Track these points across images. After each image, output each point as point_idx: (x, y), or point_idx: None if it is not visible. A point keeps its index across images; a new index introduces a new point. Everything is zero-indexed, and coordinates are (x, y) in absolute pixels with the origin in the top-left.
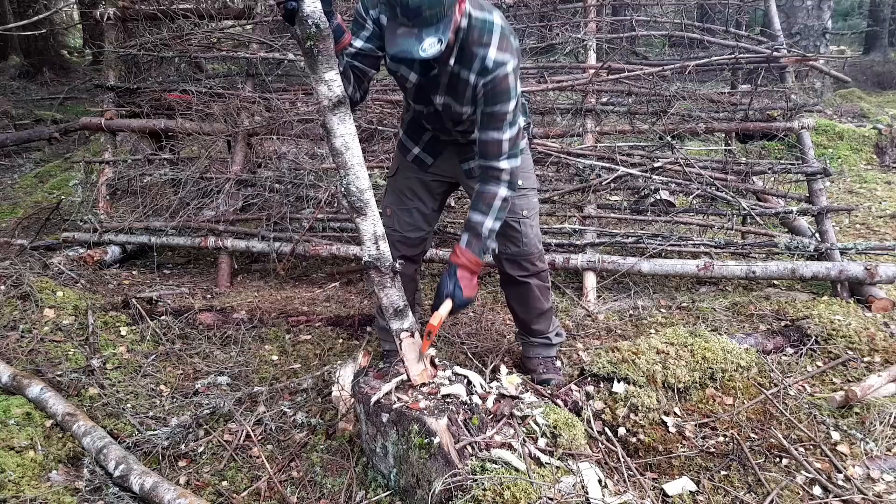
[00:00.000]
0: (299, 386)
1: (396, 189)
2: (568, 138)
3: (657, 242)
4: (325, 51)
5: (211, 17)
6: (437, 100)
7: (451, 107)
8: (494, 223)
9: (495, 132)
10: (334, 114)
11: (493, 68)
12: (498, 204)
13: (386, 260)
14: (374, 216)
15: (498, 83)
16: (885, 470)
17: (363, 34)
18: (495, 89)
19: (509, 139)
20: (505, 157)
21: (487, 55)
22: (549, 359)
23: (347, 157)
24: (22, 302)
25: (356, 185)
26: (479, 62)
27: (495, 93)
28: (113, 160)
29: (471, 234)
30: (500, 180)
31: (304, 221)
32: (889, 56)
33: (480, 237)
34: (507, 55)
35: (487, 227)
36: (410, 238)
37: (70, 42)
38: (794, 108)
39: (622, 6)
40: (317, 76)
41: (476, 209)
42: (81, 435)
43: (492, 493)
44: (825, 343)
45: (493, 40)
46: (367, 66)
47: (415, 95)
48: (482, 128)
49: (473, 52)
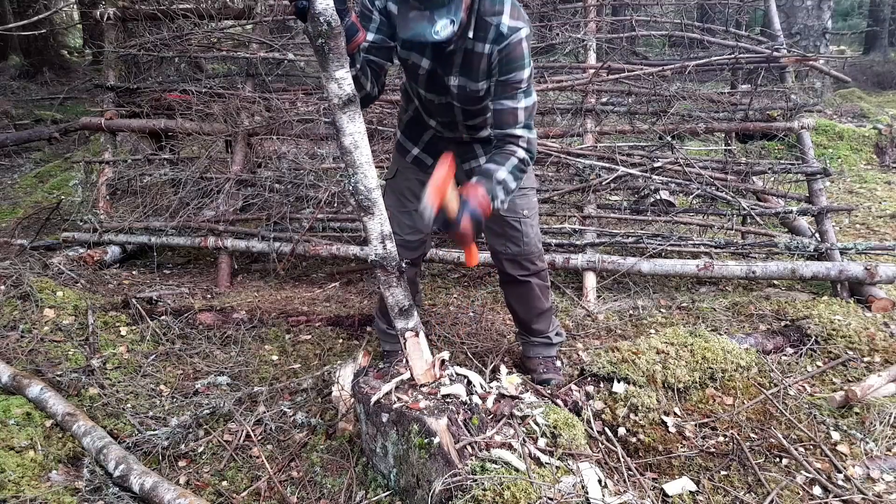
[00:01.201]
0: (299, 386)
1: (396, 191)
2: (568, 138)
3: (657, 242)
4: (336, 49)
5: (211, 17)
6: (451, 81)
7: (465, 87)
8: (507, 176)
9: (510, 101)
10: (344, 112)
11: (507, 34)
12: (514, 161)
13: (392, 259)
14: (381, 215)
15: (513, 48)
16: (885, 470)
17: (372, 26)
18: (510, 55)
19: (525, 108)
20: (521, 125)
21: (501, 22)
22: (549, 359)
23: (356, 156)
24: (22, 302)
25: (364, 183)
26: (493, 30)
27: (510, 58)
28: (113, 160)
29: (482, 175)
30: (518, 145)
31: (304, 221)
32: (889, 56)
33: (491, 179)
34: (520, 22)
35: (500, 176)
36: (410, 241)
37: (70, 42)
38: (794, 108)
39: (622, 6)
40: (327, 74)
41: (491, 160)
42: (81, 435)
43: (492, 493)
44: (825, 343)
45: (506, 8)
46: (381, 59)
47: (427, 83)
48: (497, 97)
49: (487, 21)
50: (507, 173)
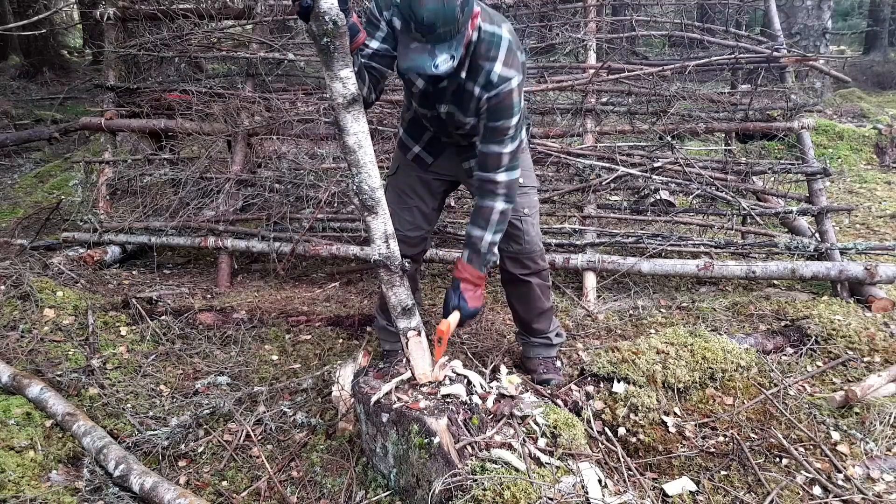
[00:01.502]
0: (299, 386)
1: (397, 188)
2: (568, 138)
3: (657, 242)
4: (341, 48)
5: (211, 17)
6: (441, 108)
7: (454, 115)
8: (494, 237)
9: (496, 146)
10: (348, 111)
11: (497, 83)
12: (496, 218)
13: (396, 259)
14: (384, 214)
15: (502, 98)
16: (885, 470)
17: (378, 35)
18: (499, 104)
19: (510, 153)
20: (504, 169)
21: (493, 70)
22: (549, 359)
23: (360, 155)
24: (22, 302)
25: (368, 183)
26: (484, 76)
27: (499, 108)
28: (113, 160)
29: (471, 249)
30: (496, 194)
31: (304, 221)
32: (889, 56)
33: (480, 252)
34: (512, 71)
35: (487, 242)
36: (411, 237)
37: (70, 42)
38: (794, 108)
39: (622, 6)
40: (332, 73)
41: (475, 224)
42: (81, 435)
43: (492, 493)
44: (825, 343)
45: (500, 55)
46: (383, 67)
47: (420, 100)
48: (484, 141)
49: (480, 65)
50: (493, 234)
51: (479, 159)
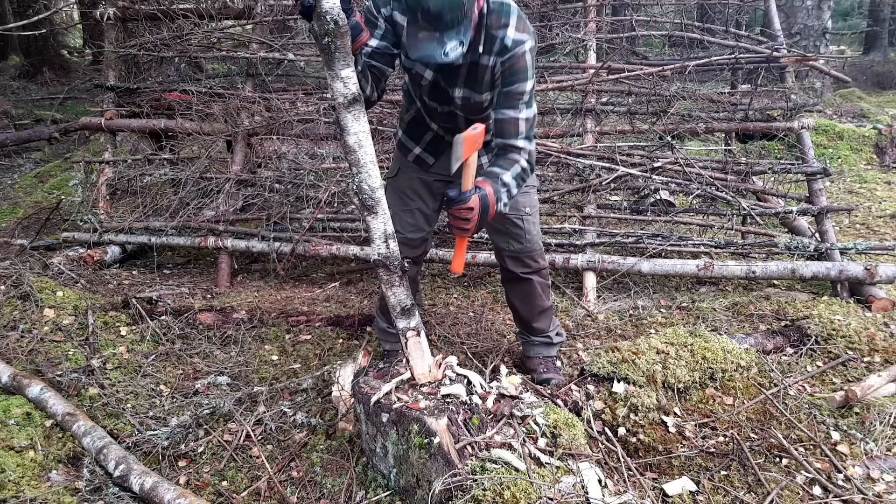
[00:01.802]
0: (299, 386)
1: (398, 189)
2: (568, 138)
3: (657, 242)
4: (342, 47)
5: (211, 17)
6: (456, 93)
7: (470, 98)
8: (511, 181)
9: (512, 111)
10: (349, 111)
11: (511, 47)
12: (518, 169)
13: (395, 259)
14: (384, 214)
15: (516, 61)
16: (885, 470)
17: (377, 33)
18: (513, 66)
19: (526, 119)
20: (523, 136)
21: (507, 35)
22: (549, 358)
23: (361, 155)
24: (22, 302)
25: (368, 182)
26: (498, 43)
27: (513, 70)
28: (113, 160)
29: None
30: (520, 155)
31: (304, 221)
32: (889, 56)
33: (497, 181)
34: (524, 34)
35: (505, 178)
36: (412, 239)
37: (70, 42)
38: (794, 108)
39: (622, 6)
40: (333, 73)
41: (495, 164)
42: (81, 435)
43: (492, 493)
44: (825, 343)
45: (511, 21)
46: (384, 65)
47: (430, 93)
48: (499, 107)
49: (494, 35)
50: (511, 178)
51: (495, 129)
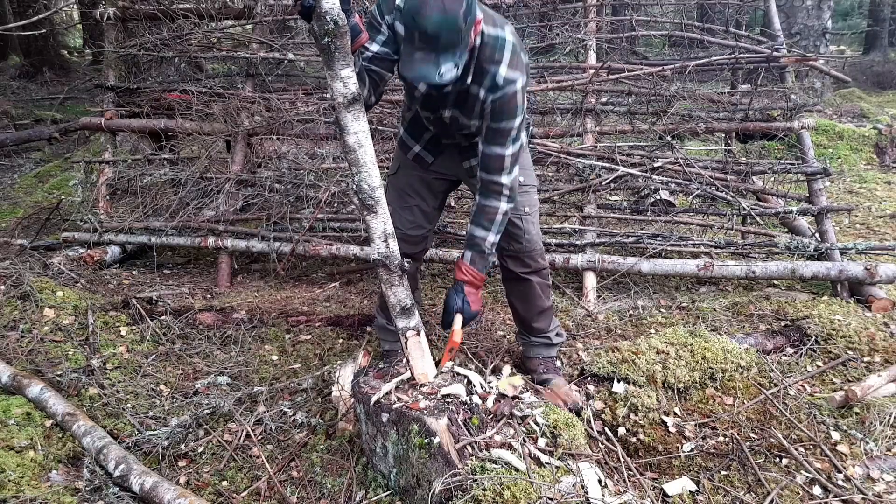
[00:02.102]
0: (299, 386)
1: (397, 187)
2: (568, 138)
3: (657, 242)
4: (342, 47)
5: (211, 17)
6: (444, 113)
7: (458, 119)
8: (496, 237)
9: (499, 147)
10: (349, 111)
11: (502, 85)
12: (499, 218)
13: (395, 258)
14: (384, 214)
15: (507, 101)
16: (885, 470)
17: (379, 38)
18: (503, 106)
19: (512, 155)
20: (507, 172)
21: (498, 72)
22: (549, 359)
23: (360, 155)
24: (22, 302)
25: (368, 182)
26: (489, 79)
27: (503, 109)
28: (113, 160)
29: (474, 251)
30: (500, 195)
31: (304, 221)
32: (889, 56)
33: (484, 254)
34: (516, 73)
35: (490, 243)
36: (412, 236)
37: (70, 42)
38: (794, 108)
39: (622, 6)
40: (332, 73)
41: (478, 224)
42: (81, 435)
43: (492, 493)
44: (825, 343)
45: (505, 57)
46: (383, 70)
47: (423, 103)
48: (486, 142)
49: (485, 68)
50: (496, 235)
51: (481, 161)
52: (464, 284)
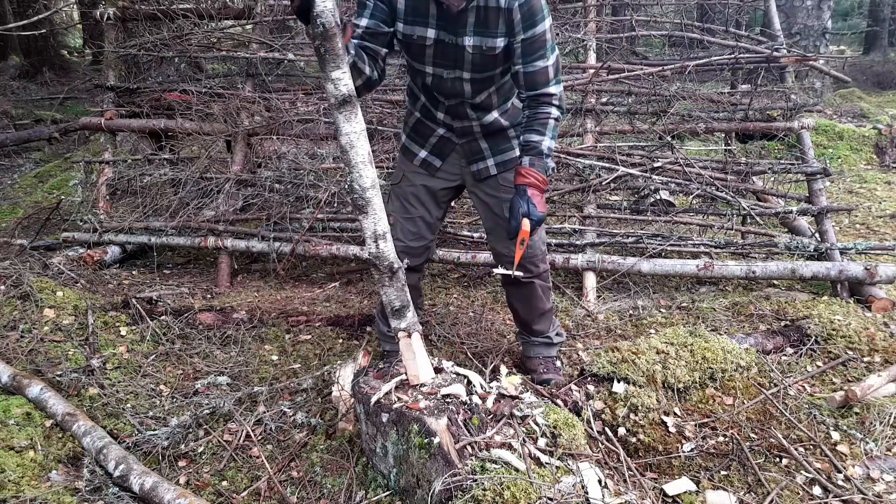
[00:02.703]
0: (299, 386)
1: (401, 196)
2: (568, 138)
3: (657, 242)
4: (331, 50)
5: (211, 17)
6: (466, 41)
7: (482, 46)
8: (551, 142)
9: (540, 60)
10: (340, 112)
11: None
12: (553, 123)
13: (384, 259)
14: (374, 214)
15: (534, 2)
16: (885, 470)
17: (366, 12)
18: (532, 8)
19: (554, 64)
20: (553, 82)
21: None
22: (549, 359)
23: (352, 155)
24: (22, 302)
25: (359, 182)
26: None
27: (532, 12)
28: (113, 160)
29: (532, 153)
30: (551, 103)
31: (304, 221)
32: (889, 56)
33: (542, 155)
34: None
35: (546, 145)
36: (413, 248)
37: (70, 42)
38: (794, 108)
39: (622, 6)
40: (325, 74)
41: (532, 130)
42: (81, 435)
43: (492, 493)
44: (825, 343)
45: None
46: (377, 45)
47: (435, 55)
48: (525, 58)
49: None
50: (551, 139)
51: (525, 82)
52: (527, 187)
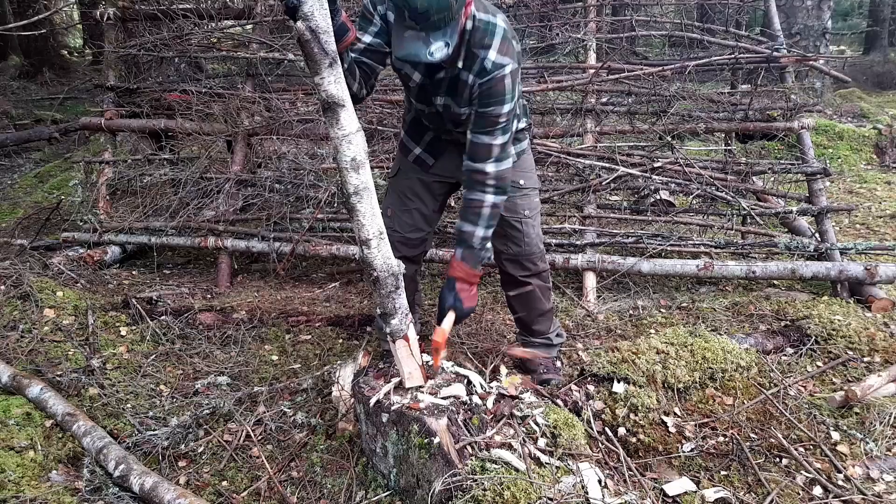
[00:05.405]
0: (299, 386)
1: (398, 190)
2: (568, 138)
3: (657, 242)
4: (312, 55)
5: (211, 17)
6: (437, 101)
7: (450, 108)
8: (486, 231)
9: (487, 136)
10: (325, 116)
11: (490, 69)
12: (487, 212)
13: (368, 265)
14: (357, 221)
15: (494, 84)
16: (885, 470)
17: (371, 29)
18: (491, 90)
19: (500, 144)
20: (493, 160)
21: (487, 56)
22: (549, 359)
23: (339, 159)
24: (22, 302)
25: (345, 187)
26: (478, 63)
27: (490, 93)
28: (113, 160)
29: (463, 247)
30: (486, 185)
31: (304, 221)
32: (889, 56)
33: (473, 248)
34: (506, 58)
35: (479, 237)
36: (411, 239)
37: (70, 42)
38: (794, 108)
39: (622, 6)
40: (312, 79)
41: (465, 219)
42: (81, 435)
43: (492, 493)
44: (825, 343)
45: (495, 42)
46: (374, 62)
47: (417, 95)
48: (474, 129)
49: (475, 53)
50: (485, 229)
51: (468, 150)
52: (455, 281)
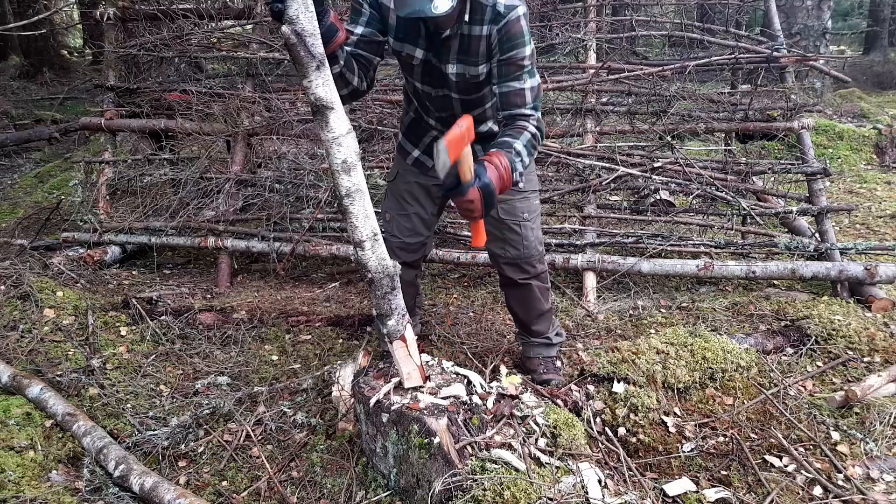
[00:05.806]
0: (299, 386)
1: (396, 193)
2: (568, 138)
3: (657, 242)
4: (299, 59)
5: (211, 17)
6: (449, 69)
7: (465, 74)
8: (523, 149)
9: (516, 82)
10: (315, 119)
11: (505, 13)
12: (528, 136)
13: (363, 267)
14: (350, 223)
15: (511, 26)
16: (885, 470)
17: (361, 20)
18: (510, 33)
19: (531, 88)
20: (529, 106)
21: (497, 2)
22: (549, 359)
23: (330, 162)
24: (22, 302)
25: (338, 190)
26: (490, 11)
27: (510, 36)
28: (113, 160)
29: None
30: (527, 122)
31: (304, 221)
32: (889, 56)
33: (511, 149)
34: (516, 0)
35: (517, 147)
36: (410, 244)
37: (70, 42)
38: (794, 108)
39: (622, 6)
40: (300, 81)
41: (505, 134)
42: (81, 435)
43: (492, 493)
44: (825, 343)
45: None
46: (370, 53)
47: (422, 74)
48: (501, 80)
49: (482, 3)
50: (523, 146)
51: (500, 102)
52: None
